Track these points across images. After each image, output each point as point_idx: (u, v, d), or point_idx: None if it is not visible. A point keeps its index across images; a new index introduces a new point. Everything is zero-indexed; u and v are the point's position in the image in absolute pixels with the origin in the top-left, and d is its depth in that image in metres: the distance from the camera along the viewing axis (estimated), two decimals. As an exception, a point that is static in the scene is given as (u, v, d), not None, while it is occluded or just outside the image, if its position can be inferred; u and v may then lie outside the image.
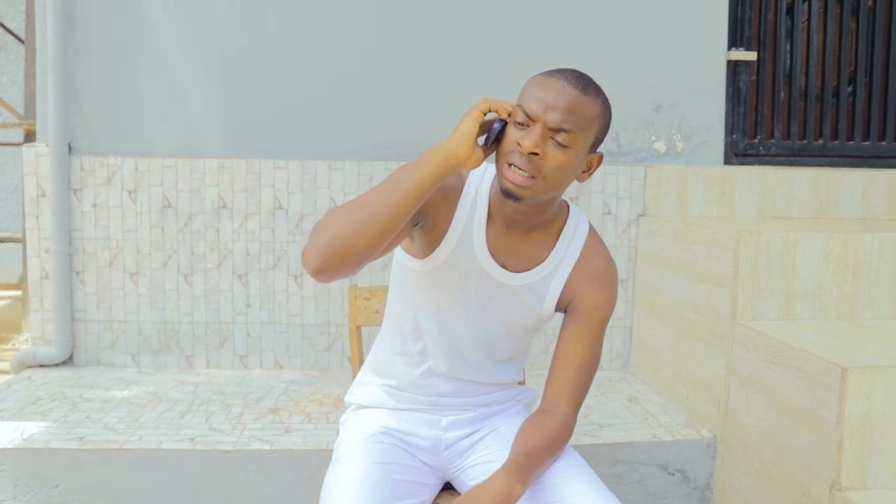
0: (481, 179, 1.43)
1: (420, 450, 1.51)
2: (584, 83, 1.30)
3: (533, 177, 1.27)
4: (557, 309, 1.48)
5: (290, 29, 3.02)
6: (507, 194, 1.30)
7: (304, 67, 3.03)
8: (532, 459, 1.32)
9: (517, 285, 1.44)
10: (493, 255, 1.42)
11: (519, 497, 1.29)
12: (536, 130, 1.26)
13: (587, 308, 1.44)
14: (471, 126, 1.27)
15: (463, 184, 1.42)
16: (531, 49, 3.02)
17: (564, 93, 1.27)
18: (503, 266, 1.43)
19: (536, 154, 1.26)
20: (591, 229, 1.50)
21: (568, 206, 1.49)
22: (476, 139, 1.29)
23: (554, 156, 1.27)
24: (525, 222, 1.40)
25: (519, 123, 1.28)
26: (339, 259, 1.20)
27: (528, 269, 1.44)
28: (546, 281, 1.45)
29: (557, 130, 1.27)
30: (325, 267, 1.20)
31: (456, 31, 3.05)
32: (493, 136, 1.30)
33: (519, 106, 1.30)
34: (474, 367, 1.52)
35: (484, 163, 1.38)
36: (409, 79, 3.05)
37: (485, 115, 1.30)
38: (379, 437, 1.48)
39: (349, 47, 3.04)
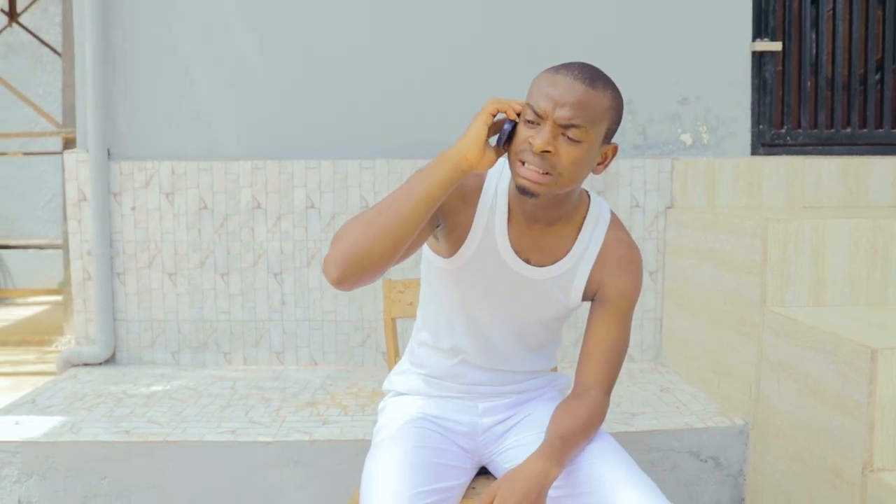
0: (499, 177, 1.45)
1: (457, 434, 1.55)
2: (592, 77, 1.30)
3: (548, 173, 1.29)
4: (584, 298, 1.50)
5: (318, 31, 3.09)
6: (523, 191, 1.32)
7: (333, 69, 3.09)
8: (567, 442, 1.36)
9: (542, 279, 1.46)
10: (516, 251, 1.44)
11: (555, 478, 1.33)
12: (547, 128, 1.27)
13: (614, 296, 1.47)
14: (479, 129, 1.29)
15: (482, 183, 1.44)
16: (555, 44, 3.05)
17: (572, 88, 1.27)
18: (527, 261, 1.45)
19: (549, 152, 1.27)
20: (613, 217, 1.51)
21: (589, 196, 1.50)
22: (487, 141, 1.31)
23: (567, 151, 1.28)
24: (545, 217, 1.42)
25: (529, 122, 1.30)
26: (357, 269, 1.24)
27: (553, 263, 1.46)
28: (571, 273, 1.47)
29: (568, 126, 1.28)
30: (344, 277, 1.24)
31: (479, 28, 3.10)
32: (504, 138, 1.31)
33: (528, 104, 1.31)
34: (508, 358, 1.55)
35: (502, 160, 1.42)
36: (439, 77, 3.10)
37: (494, 116, 1.31)
38: (418, 422, 1.52)
39: (378, 48, 3.10)
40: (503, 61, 3.09)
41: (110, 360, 3.14)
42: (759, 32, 3.19)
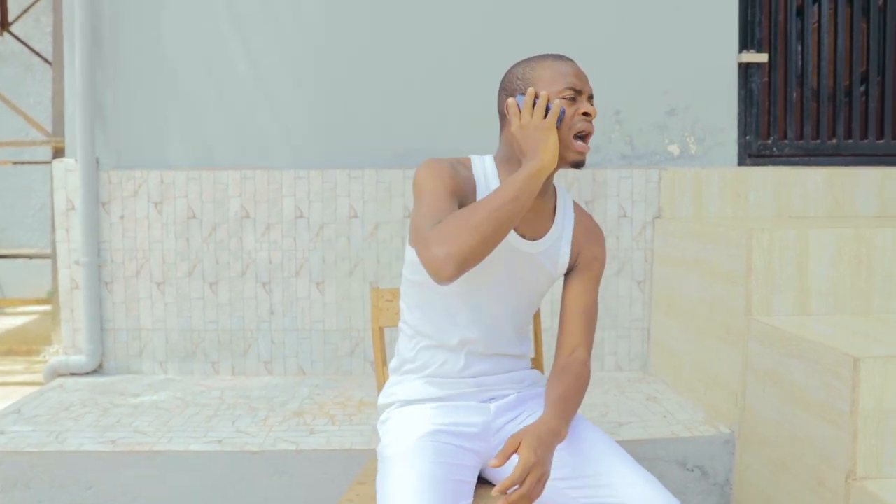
0: (484, 167, 1.58)
1: (469, 438, 1.55)
2: None
3: (588, 141, 1.51)
4: (568, 267, 1.64)
5: (306, 42, 3.10)
6: (577, 164, 1.51)
7: (323, 80, 3.11)
8: (568, 402, 1.48)
9: (536, 252, 1.58)
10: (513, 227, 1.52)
11: (563, 439, 1.42)
12: (585, 100, 1.50)
13: (588, 260, 1.64)
14: (556, 138, 1.44)
15: (471, 173, 1.56)
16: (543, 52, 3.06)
17: (579, 69, 1.52)
18: (523, 236, 1.57)
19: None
20: (573, 200, 1.71)
21: (553, 185, 1.65)
22: None
23: (595, 111, 1.51)
24: (542, 191, 1.55)
25: (570, 98, 1.48)
26: (469, 265, 1.36)
27: (542, 237, 1.59)
28: (557, 245, 1.61)
29: (591, 97, 1.52)
30: (458, 273, 1.35)
31: (467, 37, 3.12)
32: (561, 118, 1.47)
33: (567, 87, 1.48)
34: (506, 339, 1.63)
35: (478, 155, 1.61)
36: (428, 88, 3.12)
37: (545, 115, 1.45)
38: (433, 435, 1.51)
39: (367, 59, 3.11)
40: (493, 74, 3.09)
41: (98, 370, 3.13)
42: (745, 44, 3.22)
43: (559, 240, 1.61)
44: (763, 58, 3.20)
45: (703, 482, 2.39)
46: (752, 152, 3.24)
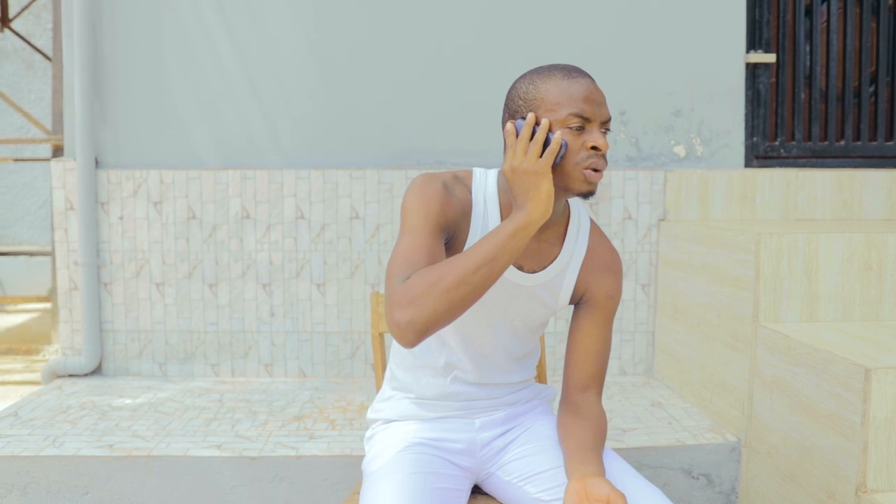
0: (485, 185, 1.43)
1: (455, 454, 1.52)
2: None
3: (602, 169, 1.32)
4: (570, 301, 1.52)
5: (305, 41, 3.07)
6: (588, 195, 1.33)
7: (323, 80, 3.07)
8: (599, 453, 1.40)
9: (534, 285, 1.47)
10: None
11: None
12: (596, 129, 1.30)
13: (601, 298, 1.50)
14: (550, 188, 1.25)
15: (470, 194, 1.42)
16: (550, 56, 3.03)
17: (596, 88, 1.32)
18: (520, 268, 1.45)
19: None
20: (592, 222, 1.54)
21: (568, 203, 1.50)
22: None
23: (607, 145, 1.32)
24: (547, 220, 1.41)
25: (576, 128, 1.29)
26: (434, 331, 1.23)
27: (543, 269, 1.47)
28: (560, 277, 1.48)
29: (605, 122, 1.32)
30: (420, 340, 1.23)
31: (472, 38, 3.08)
32: (562, 156, 1.29)
33: (571, 114, 1.29)
34: (499, 369, 1.55)
35: (482, 169, 1.46)
36: (429, 87, 3.08)
37: (541, 154, 1.27)
38: (415, 448, 1.49)
39: (367, 58, 3.07)
40: (494, 73, 3.07)
41: (96, 371, 3.10)
42: (753, 44, 3.18)
43: (564, 270, 1.48)
44: (771, 58, 3.15)
45: (709, 491, 2.36)
46: (760, 154, 3.20)
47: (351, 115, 3.08)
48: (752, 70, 3.18)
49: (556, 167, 1.30)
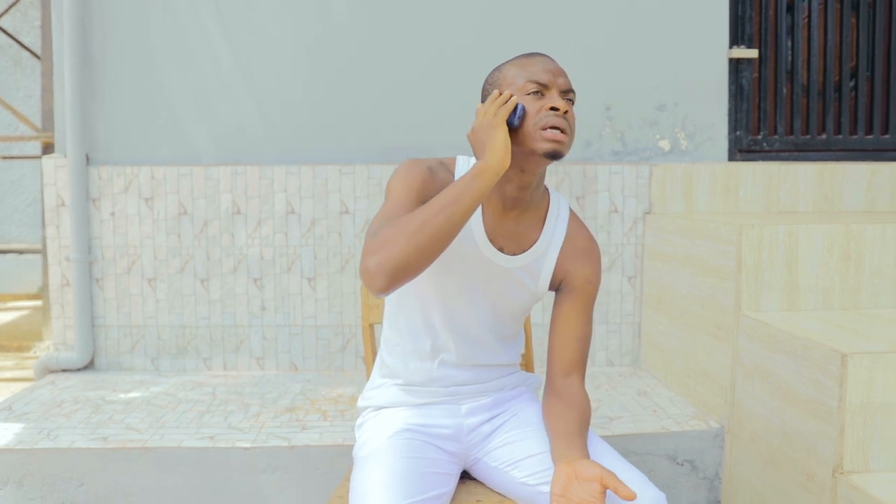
0: (469, 162, 1.52)
1: (443, 439, 1.56)
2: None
3: (565, 132, 1.39)
4: (550, 287, 1.58)
5: (295, 37, 3.10)
6: (552, 155, 1.38)
7: (312, 76, 3.10)
8: (584, 437, 1.45)
9: (514, 267, 1.52)
10: (490, 240, 1.50)
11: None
12: (555, 94, 1.40)
13: (580, 283, 1.55)
14: (505, 136, 1.35)
15: (453, 178, 1.49)
16: (533, 49, 3.07)
17: (553, 63, 1.44)
18: (500, 250, 1.51)
19: (567, 111, 1.39)
20: (571, 210, 1.60)
21: (547, 190, 1.58)
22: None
23: (571, 112, 1.41)
24: (526, 200, 1.48)
25: (534, 93, 1.40)
26: (404, 276, 1.28)
27: (523, 252, 1.52)
28: (539, 261, 1.54)
29: (567, 91, 1.42)
30: (391, 284, 1.28)
31: (458, 32, 3.12)
32: (520, 116, 1.38)
33: (528, 80, 1.40)
34: (485, 350, 1.59)
35: (466, 156, 1.54)
36: (418, 83, 3.12)
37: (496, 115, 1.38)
38: (403, 434, 1.53)
39: (357, 55, 3.11)
40: (483, 69, 3.10)
41: (89, 366, 3.13)
42: (735, 40, 3.23)
43: (544, 255, 1.54)
44: (753, 53, 3.21)
45: (693, 476, 2.41)
46: (743, 147, 3.26)
47: (341, 112, 3.11)
48: (735, 65, 3.23)
49: (518, 130, 1.39)
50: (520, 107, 1.38)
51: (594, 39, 3.14)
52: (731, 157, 3.24)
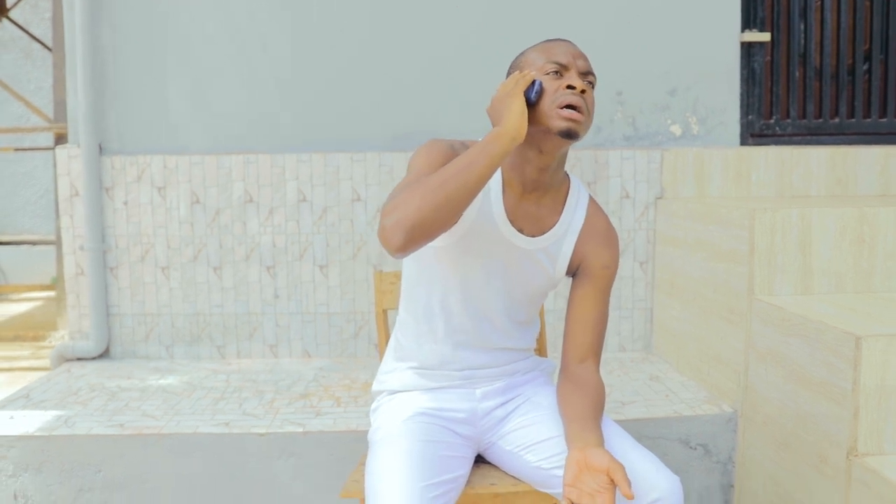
0: None
1: (457, 423, 1.57)
2: None
3: (581, 112, 1.39)
4: (568, 272, 1.59)
5: (308, 26, 3.10)
6: (567, 134, 1.39)
7: (325, 63, 3.10)
8: (598, 421, 1.46)
9: (533, 249, 1.53)
10: (511, 220, 1.50)
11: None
12: (574, 74, 1.42)
13: (597, 268, 1.56)
14: (522, 105, 1.37)
15: None
16: (543, 34, 3.06)
17: (574, 47, 1.46)
18: (520, 231, 1.52)
19: (584, 91, 1.40)
20: (591, 196, 1.62)
21: (568, 175, 1.59)
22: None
23: (590, 94, 1.43)
24: (546, 182, 1.49)
25: (553, 73, 1.42)
26: (421, 235, 1.28)
27: (542, 234, 1.53)
28: (558, 244, 1.55)
29: (587, 73, 1.44)
30: (408, 242, 1.28)
31: (468, 18, 3.11)
32: (538, 92, 1.40)
33: (548, 61, 1.43)
34: (501, 334, 1.59)
35: None
36: (430, 71, 3.11)
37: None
38: (418, 417, 1.54)
39: (369, 43, 3.10)
40: (493, 55, 3.09)
41: (104, 355, 3.15)
42: (747, 23, 3.21)
43: (563, 238, 1.55)
44: (765, 37, 3.19)
45: (706, 460, 2.42)
46: (755, 132, 3.24)
47: (352, 99, 3.11)
48: (747, 49, 3.21)
49: (535, 108, 1.41)
50: (537, 82, 1.40)
51: (604, 22, 3.12)
52: (744, 142, 3.23)
